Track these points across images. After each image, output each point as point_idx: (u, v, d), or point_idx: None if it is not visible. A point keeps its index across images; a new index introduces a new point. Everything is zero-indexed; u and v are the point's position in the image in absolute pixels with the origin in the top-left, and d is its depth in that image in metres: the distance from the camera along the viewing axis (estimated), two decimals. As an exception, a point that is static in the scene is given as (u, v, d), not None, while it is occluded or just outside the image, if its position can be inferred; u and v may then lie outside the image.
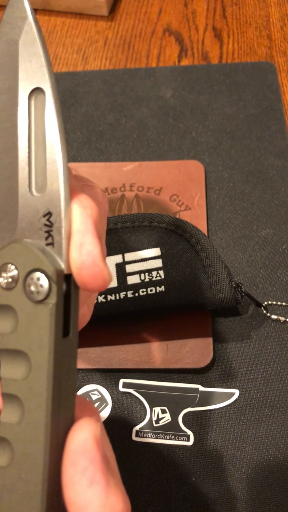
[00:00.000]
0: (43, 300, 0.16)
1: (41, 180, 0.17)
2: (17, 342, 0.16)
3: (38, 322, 0.16)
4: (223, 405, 0.33)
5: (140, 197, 0.40)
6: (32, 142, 0.17)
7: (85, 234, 0.16)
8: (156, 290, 0.33)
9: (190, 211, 0.39)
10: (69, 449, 0.16)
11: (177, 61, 0.50)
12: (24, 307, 0.16)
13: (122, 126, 0.45)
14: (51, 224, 0.16)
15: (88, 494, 0.15)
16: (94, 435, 0.16)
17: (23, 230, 0.17)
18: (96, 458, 0.15)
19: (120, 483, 0.16)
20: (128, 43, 0.52)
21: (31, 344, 0.16)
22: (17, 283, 0.16)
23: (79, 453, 0.16)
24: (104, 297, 0.33)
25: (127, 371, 0.34)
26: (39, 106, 0.17)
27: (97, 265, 0.16)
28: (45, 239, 0.16)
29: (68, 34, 0.53)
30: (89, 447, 0.16)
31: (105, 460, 0.16)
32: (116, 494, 0.15)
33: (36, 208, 0.17)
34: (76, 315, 0.17)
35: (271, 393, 0.33)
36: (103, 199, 0.20)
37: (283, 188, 0.41)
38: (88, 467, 0.15)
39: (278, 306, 0.36)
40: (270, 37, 0.51)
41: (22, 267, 0.16)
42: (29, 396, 0.16)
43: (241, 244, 0.38)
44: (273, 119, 0.44)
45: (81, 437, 0.16)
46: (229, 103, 0.46)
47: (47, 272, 0.16)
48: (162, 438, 0.32)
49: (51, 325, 0.16)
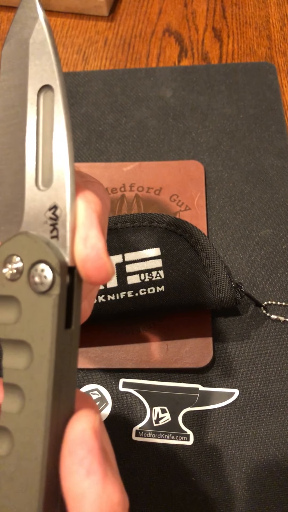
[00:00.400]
0: (47, 291, 0.16)
1: (48, 175, 0.17)
2: (20, 332, 0.16)
3: (41, 313, 0.16)
4: (223, 405, 0.33)
5: (140, 197, 0.40)
6: (40, 138, 0.17)
7: (90, 228, 0.17)
8: (156, 290, 0.33)
9: (190, 211, 0.39)
10: (67, 439, 0.16)
11: (177, 62, 0.50)
12: (27, 298, 0.16)
13: (122, 126, 0.45)
14: (56, 218, 0.17)
15: (85, 484, 0.15)
16: (93, 426, 0.16)
17: (29, 223, 0.17)
18: (94, 449, 0.16)
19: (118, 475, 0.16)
20: (128, 44, 0.52)
21: (33, 335, 0.16)
22: (22, 274, 0.16)
23: (77, 443, 0.16)
24: (104, 297, 0.33)
25: (127, 370, 0.34)
26: (47, 103, 0.17)
27: (101, 258, 0.16)
28: (50, 232, 0.17)
29: (68, 34, 0.53)
30: (87, 437, 0.16)
31: (103, 451, 0.16)
32: (113, 485, 0.16)
33: (42, 202, 0.17)
34: (78, 308, 0.17)
35: (271, 393, 0.33)
36: (105, 195, 0.21)
37: (282, 188, 0.41)
38: (85, 457, 0.15)
39: (278, 306, 0.36)
40: (270, 37, 0.51)
41: (27, 258, 0.16)
42: (30, 386, 0.16)
43: (241, 244, 0.38)
44: (273, 119, 0.44)
45: (80, 427, 0.16)
46: (229, 103, 0.46)
47: (51, 263, 0.16)
48: (162, 438, 0.32)
49: (54, 316, 0.16)
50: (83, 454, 0.15)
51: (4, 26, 0.55)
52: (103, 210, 0.18)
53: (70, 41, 0.53)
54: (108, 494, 0.15)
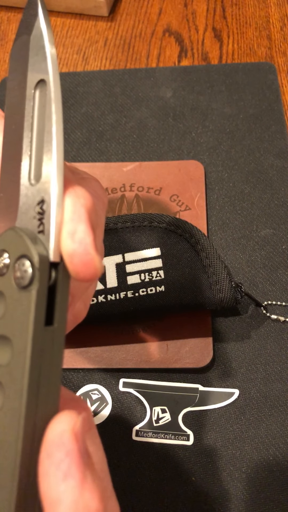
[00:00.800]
0: (27, 287, 0.16)
1: (38, 170, 0.17)
2: (4, 327, 0.16)
3: (21, 308, 0.16)
4: (223, 405, 0.33)
5: (140, 197, 0.40)
6: (34, 133, 0.17)
7: (78, 223, 0.16)
8: (156, 290, 0.33)
9: (190, 211, 0.39)
10: (46, 440, 0.16)
11: (177, 62, 0.50)
12: (11, 293, 0.16)
13: (122, 126, 0.45)
14: (43, 212, 0.17)
15: (61, 488, 0.15)
16: (72, 428, 0.15)
17: (21, 218, 0.17)
18: (73, 451, 0.15)
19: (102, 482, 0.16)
20: (128, 44, 0.52)
21: (15, 330, 0.16)
22: (8, 269, 0.16)
23: (55, 445, 0.15)
24: (104, 297, 0.33)
25: (127, 370, 0.34)
26: (42, 98, 0.17)
27: (88, 253, 0.16)
28: (37, 227, 0.17)
29: (68, 34, 0.53)
30: (66, 439, 0.15)
31: (84, 455, 0.15)
32: (91, 491, 0.15)
33: (33, 197, 0.17)
34: (64, 305, 0.17)
35: (271, 393, 0.33)
36: (101, 192, 0.20)
37: (282, 188, 0.41)
38: (63, 460, 0.15)
39: (278, 306, 0.36)
40: (270, 37, 0.51)
41: (12, 253, 0.16)
42: (9, 382, 0.16)
43: (241, 244, 0.38)
44: (273, 120, 0.44)
45: (59, 428, 0.15)
46: (229, 103, 0.46)
47: (31, 258, 0.16)
48: (162, 438, 0.32)
49: (32, 311, 0.16)
50: (60, 457, 0.15)
51: (4, 26, 0.55)
52: (95, 206, 0.17)
53: (70, 41, 0.53)
54: (85, 499, 0.15)
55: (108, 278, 0.33)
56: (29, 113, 0.17)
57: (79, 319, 0.22)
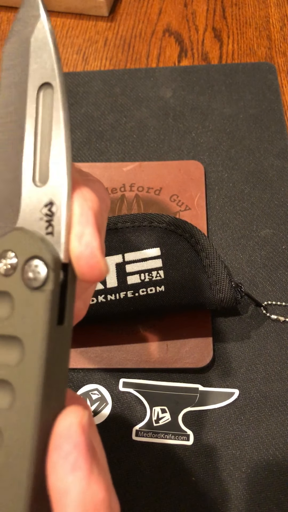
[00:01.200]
0: (40, 287, 0.16)
1: (45, 172, 0.17)
2: (12, 328, 0.16)
3: (34, 309, 0.16)
4: (223, 405, 0.33)
5: (140, 197, 0.40)
6: (38, 135, 0.18)
7: (86, 226, 0.17)
8: (156, 290, 0.33)
9: (190, 211, 0.39)
10: (54, 433, 0.16)
11: (177, 62, 0.50)
12: (21, 294, 0.16)
13: (122, 127, 0.45)
14: (52, 214, 0.17)
15: (69, 479, 0.15)
16: (80, 421, 0.16)
17: (25, 219, 0.17)
18: (80, 444, 0.15)
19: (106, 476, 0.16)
20: (128, 44, 0.52)
21: (25, 330, 0.16)
22: (16, 270, 0.16)
23: (63, 437, 0.16)
24: (104, 297, 0.33)
25: (127, 370, 0.34)
26: (47, 101, 0.17)
27: (95, 256, 0.16)
28: (45, 229, 0.17)
29: (68, 34, 0.53)
30: (74, 432, 0.16)
31: (91, 448, 0.16)
32: (98, 483, 0.15)
33: (39, 198, 0.17)
34: (71, 305, 0.17)
35: (271, 393, 0.33)
36: (104, 194, 0.21)
37: (282, 188, 0.41)
38: (71, 452, 0.15)
39: (278, 306, 0.36)
40: (270, 37, 0.51)
41: (21, 254, 0.17)
42: (21, 382, 0.16)
43: (241, 244, 0.38)
44: (273, 120, 0.44)
45: (67, 421, 0.16)
46: (229, 104, 0.46)
47: (45, 259, 0.16)
48: (162, 438, 0.32)
49: (46, 311, 0.16)
50: (68, 449, 0.15)
51: (4, 26, 0.55)
52: (100, 208, 0.18)
53: (70, 41, 0.53)
54: (93, 491, 0.15)
55: (108, 278, 0.33)
56: (32, 115, 0.18)
57: (79, 318, 0.23)
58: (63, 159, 0.17)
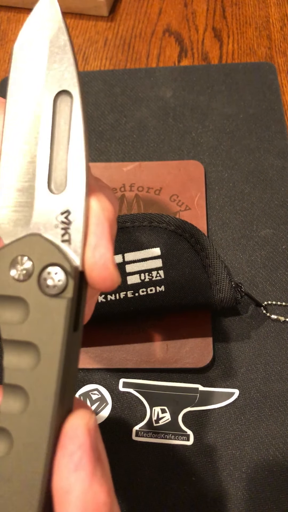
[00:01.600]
0: (59, 294, 0.16)
1: (61, 179, 0.17)
2: (27, 333, 0.16)
3: (52, 315, 0.16)
4: (223, 405, 0.33)
5: (140, 197, 0.40)
6: (54, 142, 0.18)
7: (101, 237, 0.17)
8: (156, 290, 0.33)
9: (190, 211, 0.39)
10: (61, 434, 0.16)
11: (177, 62, 0.50)
12: (37, 300, 0.16)
13: (122, 127, 0.45)
14: (69, 222, 0.17)
15: (72, 478, 0.15)
16: (87, 423, 0.16)
17: (38, 225, 0.17)
18: (85, 444, 0.16)
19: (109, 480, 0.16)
20: (128, 44, 0.52)
21: (42, 336, 0.16)
22: (31, 276, 0.17)
23: (68, 437, 0.16)
24: (104, 297, 0.33)
25: (127, 370, 0.34)
26: (64, 109, 0.17)
27: (108, 267, 0.17)
28: (61, 236, 0.17)
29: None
30: (79, 432, 0.16)
31: (95, 450, 0.16)
32: (100, 484, 0.15)
33: (54, 206, 0.17)
34: (84, 311, 0.18)
35: (271, 393, 0.33)
36: (115, 201, 0.21)
37: (283, 188, 0.41)
38: (75, 452, 0.15)
39: (278, 306, 0.36)
40: (270, 37, 0.51)
41: (38, 260, 0.17)
42: (35, 387, 0.16)
43: (241, 244, 0.38)
44: (273, 120, 0.44)
45: (74, 423, 0.16)
46: (229, 103, 0.46)
47: (65, 267, 0.16)
48: (162, 438, 0.32)
49: (66, 318, 0.16)
50: (73, 449, 0.15)
51: (4, 26, 0.55)
52: (115, 217, 0.18)
53: (70, 41, 0.53)
54: (94, 492, 0.15)
55: (108, 278, 0.33)
56: (47, 121, 0.18)
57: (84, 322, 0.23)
58: (82, 169, 0.17)
